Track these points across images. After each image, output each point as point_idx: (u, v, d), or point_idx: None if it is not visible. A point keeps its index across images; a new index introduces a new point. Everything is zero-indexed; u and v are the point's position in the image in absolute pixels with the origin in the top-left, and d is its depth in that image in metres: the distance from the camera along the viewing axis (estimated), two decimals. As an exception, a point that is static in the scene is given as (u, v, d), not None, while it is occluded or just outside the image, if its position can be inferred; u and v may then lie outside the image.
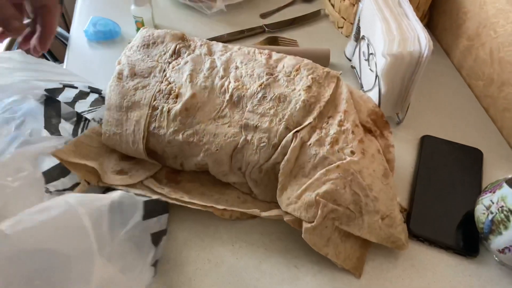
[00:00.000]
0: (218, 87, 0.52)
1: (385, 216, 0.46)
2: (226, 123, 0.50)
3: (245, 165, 0.49)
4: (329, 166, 0.45)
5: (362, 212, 0.45)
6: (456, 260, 0.48)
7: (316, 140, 0.47)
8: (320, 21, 0.81)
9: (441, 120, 0.63)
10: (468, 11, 0.68)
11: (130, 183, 0.51)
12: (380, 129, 0.53)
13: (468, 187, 0.54)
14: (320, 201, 0.44)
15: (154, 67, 0.55)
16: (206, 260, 0.47)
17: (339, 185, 0.44)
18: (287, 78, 0.52)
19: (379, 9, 0.57)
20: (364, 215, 0.45)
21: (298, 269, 0.47)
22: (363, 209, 0.45)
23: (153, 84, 0.53)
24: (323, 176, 0.45)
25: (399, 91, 0.57)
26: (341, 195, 0.44)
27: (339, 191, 0.44)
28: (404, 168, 0.57)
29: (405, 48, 0.52)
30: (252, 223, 0.50)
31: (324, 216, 0.44)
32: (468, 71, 0.69)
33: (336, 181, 0.44)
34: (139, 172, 0.53)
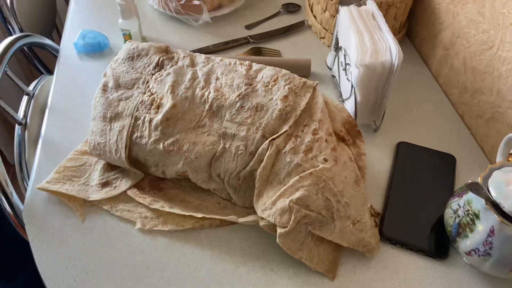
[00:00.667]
0: (199, 97, 0.54)
1: (356, 221, 0.48)
2: (205, 132, 0.53)
3: (223, 172, 0.51)
4: (303, 173, 0.47)
5: (334, 218, 0.47)
6: (427, 262, 0.50)
7: (291, 148, 0.50)
8: (303, 31, 0.84)
9: (417, 127, 0.65)
10: (443, 22, 0.70)
11: (115, 194, 0.53)
12: (353, 138, 0.55)
13: (441, 192, 0.56)
14: (294, 207, 0.46)
15: (137, 78, 0.57)
16: (186, 265, 0.49)
17: (312, 191, 0.46)
18: (265, 88, 0.55)
19: (353, 22, 0.59)
20: (336, 220, 0.47)
21: (274, 272, 0.48)
22: (334, 215, 0.47)
23: (136, 95, 0.56)
24: (297, 183, 0.47)
25: (374, 99, 0.59)
26: (314, 201, 0.46)
27: (311, 197, 0.46)
28: (380, 173, 0.59)
29: (377, 58, 0.55)
30: (232, 228, 0.52)
31: (297, 221, 0.46)
32: (444, 79, 0.71)
33: (309, 187, 0.46)
34: (123, 181, 0.55)
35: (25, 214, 0.52)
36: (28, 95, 0.71)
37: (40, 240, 0.50)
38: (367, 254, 0.49)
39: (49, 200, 0.54)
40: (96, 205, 0.53)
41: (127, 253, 0.49)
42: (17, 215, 0.59)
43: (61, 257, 0.49)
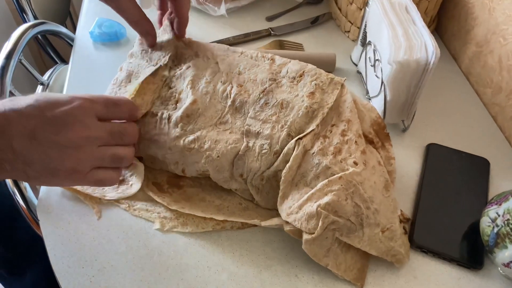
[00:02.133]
0: (220, 92, 0.52)
1: (385, 229, 0.45)
2: (228, 129, 0.50)
3: (246, 172, 0.49)
4: (332, 177, 0.45)
5: (363, 225, 0.44)
6: (460, 272, 0.47)
7: (319, 149, 0.47)
8: (326, 25, 0.80)
9: (447, 128, 0.62)
10: (477, 17, 0.67)
11: (131, 194, 0.51)
12: (382, 140, 0.52)
13: (474, 197, 0.53)
14: (322, 212, 0.43)
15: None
16: (206, 268, 0.47)
17: (341, 196, 0.44)
18: (290, 83, 0.52)
19: (386, 15, 0.56)
20: (364, 228, 0.44)
21: (298, 278, 0.46)
22: (364, 222, 0.44)
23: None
24: (325, 187, 0.44)
25: (405, 98, 0.56)
26: (343, 207, 0.44)
27: (340, 202, 0.44)
28: (408, 177, 0.56)
29: (411, 55, 0.52)
30: (253, 231, 0.50)
31: (325, 228, 0.43)
32: (476, 78, 0.68)
33: (338, 192, 0.44)
34: (133, 177, 0.52)
35: (40, 210, 0.50)
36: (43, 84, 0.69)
37: (55, 238, 0.48)
38: (396, 264, 0.46)
39: (65, 195, 0.52)
40: (113, 203, 0.51)
41: (145, 253, 0.47)
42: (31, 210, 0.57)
43: (76, 255, 0.47)
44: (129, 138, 0.45)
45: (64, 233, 0.48)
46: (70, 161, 0.39)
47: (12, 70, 0.59)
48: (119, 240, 0.48)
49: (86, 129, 0.40)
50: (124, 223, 0.50)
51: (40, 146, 0.38)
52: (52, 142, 0.38)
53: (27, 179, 0.40)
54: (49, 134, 0.38)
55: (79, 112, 0.39)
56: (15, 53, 0.61)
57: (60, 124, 0.38)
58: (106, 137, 0.42)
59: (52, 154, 0.38)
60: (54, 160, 0.38)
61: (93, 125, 0.40)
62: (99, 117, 0.42)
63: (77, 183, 0.42)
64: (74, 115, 0.39)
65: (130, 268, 0.46)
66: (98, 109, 0.41)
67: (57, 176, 0.40)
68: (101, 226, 0.49)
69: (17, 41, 0.62)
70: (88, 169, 0.41)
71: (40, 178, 0.40)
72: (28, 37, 0.64)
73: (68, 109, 0.39)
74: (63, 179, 0.41)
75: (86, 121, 0.40)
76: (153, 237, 0.49)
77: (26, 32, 0.65)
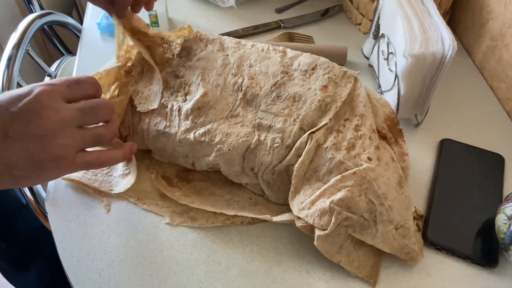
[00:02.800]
0: (231, 85, 0.51)
1: (399, 226, 0.44)
2: (239, 122, 0.49)
3: (257, 166, 0.48)
4: (345, 173, 0.44)
5: (376, 221, 0.44)
6: (474, 270, 0.46)
7: (332, 144, 0.46)
8: (337, 17, 0.79)
9: (461, 123, 0.61)
10: (492, 10, 0.65)
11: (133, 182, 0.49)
12: (395, 136, 0.51)
13: (488, 194, 0.52)
14: (335, 208, 0.42)
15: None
16: (216, 263, 0.46)
17: (355, 192, 0.43)
18: (303, 77, 0.51)
19: (401, 7, 0.55)
20: (378, 224, 0.44)
21: (310, 275, 0.45)
22: (377, 218, 0.43)
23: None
24: (339, 183, 0.43)
25: (419, 93, 0.55)
26: (356, 203, 0.43)
27: (354, 198, 0.43)
28: (422, 172, 0.55)
29: (427, 48, 0.50)
30: (264, 226, 0.49)
31: (338, 224, 0.43)
32: (490, 73, 0.67)
33: (352, 188, 0.43)
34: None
35: (48, 203, 0.50)
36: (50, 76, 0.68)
37: (63, 231, 0.48)
38: (409, 261, 0.45)
39: (73, 188, 0.51)
40: (122, 196, 0.50)
41: (155, 247, 0.47)
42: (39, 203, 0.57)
43: (85, 249, 0.46)
44: (103, 112, 0.42)
45: (73, 226, 0.48)
46: (52, 149, 0.37)
47: (20, 61, 0.58)
48: (129, 234, 0.48)
49: (56, 113, 0.38)
50: (133, 217, 0.49)
51: (17, 142, 0.36)
52: (27, 135, 0.36)
53: (15, 182, 0.38)
54: (21, 128, 0.36)
55: (43, 98, 0.37)
56: (23, 44, 0.60)
57: (28, 115, 0.36)
58: (79, 116, 0.39)
59: (32, 147, 0.36)
60: (35, 152, 0.37)
61: (62, 107, 0.38)
62: (66, 98, 0.39)
63: (67, 171, 0.40)
64: (40, 102, 0.37)
65: (139, 262, 0.45)
66: (62, 90, 0.39)
67: (45, 168, 0.38)
68: (110, 220, 0.49)
69: (24, 31, 0.62)
70: (73, 153, 0.39)
71: (28, 175, 0.38)
72: (35, 28, 0.63)
73: (32, 98, 0.37)
74: (52, 169, 0.39)
75: (54, 105, 0.38)
76: (162, 231, 0.48)
77: (33, 23, 0.64)
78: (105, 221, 0.49)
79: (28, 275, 0.98)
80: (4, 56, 0.57)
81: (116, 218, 0.49)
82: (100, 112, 0.42)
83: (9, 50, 0.57)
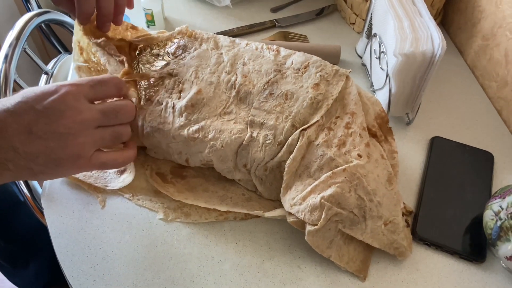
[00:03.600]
0: (225, 83, 0.52)
1: (388, 221, 0.45)
2: (232, 119, 0.50)
3: (250, 162, 0.49)
4: (336, 169, 0.45)
5: (366, 217, 0.44)
6: (462, 265, 0.47)
7: (323, 141, 0.47)
8: (331, 16, 0.80)
9: (452, 121, 0.62)
10: (483, 10, 0.66)
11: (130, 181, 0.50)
12: (385, 134, 0.52)
13: (478, 191, 0.53)
14: (325, 204, 0.43)
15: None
16: (209, 257, 0.47)
17: (345, 188, 0.44)
18: (295, 75, 0.52)
19: (392, 7, 0.56)
20: (367, 220, 0.44)
21: (301, 269, 0.46)
22: (366, 214, 0.44)
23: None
24: (329, 179, 0.44)
25: (410, 91, 0.56)
26: (346, 199, 0.44)
27: (344, 194, 0.44)
28: (412, 169, 0.56)
29: (417, 47, 0.51)
30: (256, 221, 0.50)
31: (328, 219, 0.44)
32: (481, 72, 0.68)
33: (342, 184, 0.44)
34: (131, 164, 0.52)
35: (44, 198, 0.51)
36: (47, 74, 0.68)
37: (59, 226, 0.48)
38: (398, 257, 0.46)
39: (69, 184, 0.52)
40: (117, 192, 0.51)
41: (149, 242, 0.48)
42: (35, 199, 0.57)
43: (80, 244, 0.47)
44: (125, 115, 0.44)
45: (68, 222, 0.49)
46: (72, 148, 0.39)
47: (17, 59, 0.59)
48: (123, 229, 0.48)
49: (79, 113, 0.40)
50: (128, 212, 0.50)
51: (39, 139, 0.38)
52: (49, 133, 0.38)
53: (33, 176, 0.40)
54: (45, 125, 0.38)
55: (68, 98, 0.39)
56: (19, 42, 0.60)
57: (53, 114, 0.38)
58: (100, 117, 0.41)
59: (53, 144, 0.38)
60: (55, 149, 0.39)
61: (85, 107, 0.40)
62: (89, 99, 0.41)
63: (83, 169, 0.42)
64: (64, 102, 0.39)
65: (133, 257, 0.46)
66: (86, 91, 0.41)
67: (62, 165, 0.40)
68: (105, 215, 0.49)
69: (21, 29, 0.62)
70: (91, 153, 0.41)
71: (46, 171, 0.40)
72: (32, 26, 0.64)
73: (57, 97, 0.39)
74: (68, 167, 0.41)
75: (77, 106, 0.40)
76: (156, 226, 0.49)
77: (30, 21, 0.64)
78: (99, 216, 0.49)
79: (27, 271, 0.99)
80: (1, 54, 0.58)
81: (110, 214, 0.50)
82: (121, 115, 0.44)
83: (6, 48, 0.58)
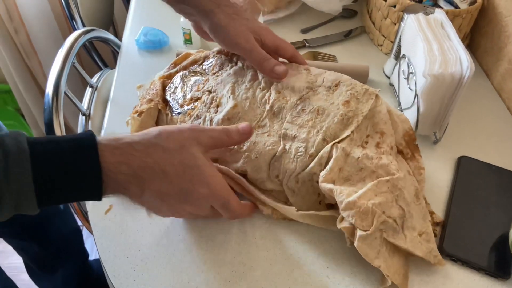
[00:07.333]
0: (259, 98, 0.55)
1: (421, 232, 0.47)
2: (266, 132, 0.53)
3: (282, 173, 0.51)
4: (381, 178, 0.47)
5: (403, 227, 0.47)
6: (487, 281, 0.48)
7: (363, 154, 0.49)
8: (359, 38, 0.83)
9: (479, 142, 0.63)
10: (510, 35, 0.68)
11: None
12: (412, 151, 0.54)
13: (503, 210, 0.54)
14: (376, 211, 0.45)
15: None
16: (241, 264, 0.49)
17: (389, 198, 0.46)
18: (326, 92, 0.54)
19: (421, 30, 0.58)
20: (405, 230, 0.47)
21: (330, 279, 0.48)
22: (404, 224, 0.47)
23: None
24: (376, 188, 0.47)
25: (438, 111, 0.58)
26: (390, 208, 0.46)
27: (388, 204, 0.46)
28: (440, 187, 0.57)
29: (446, 69, 0.53)
30: (286, 232, 0.52)
31: (378, 226, 0.45)
32: (508, 94, 0.69)
33: (386, 194, 0.46)
34: None
35: (89, 202, 0.54)
36: (92, 87, 0.73)
37: (102, 228, 0.52)
38: (438, 265, 0.48)
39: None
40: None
41: (184, 247, 0.50)
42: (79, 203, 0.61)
43: (121, 246, 0.50)
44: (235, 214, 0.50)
45: (111, 224, 0.52)
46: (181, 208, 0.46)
47: (67, 73, 0.64)
48: (161, 233, 0.51)
49: (196, 209, 0.46)
50: (165, 218, 0.53)
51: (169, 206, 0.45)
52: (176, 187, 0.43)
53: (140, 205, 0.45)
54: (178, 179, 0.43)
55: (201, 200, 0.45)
56: (69, 57, 0.66)
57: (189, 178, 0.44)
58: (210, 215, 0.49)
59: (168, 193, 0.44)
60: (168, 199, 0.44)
61: (204, 209, 0.46)
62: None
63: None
64: (196, 200, 0.45)
65: (170, 259, 0.49)
66: (215, 204, 0.47)
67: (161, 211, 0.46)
68: (144, 219, 0.53)
69: (71, 46, 0.67)
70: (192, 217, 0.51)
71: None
72: (81, 43, 0.69)
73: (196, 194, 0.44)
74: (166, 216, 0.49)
75: (201, 207, 0.46)
76: (191, 232, 0.52)
77: (79, 38, 0.70)
78: (139, 220, 0.53)
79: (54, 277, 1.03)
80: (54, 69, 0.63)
81: (149, 219, 0.53)
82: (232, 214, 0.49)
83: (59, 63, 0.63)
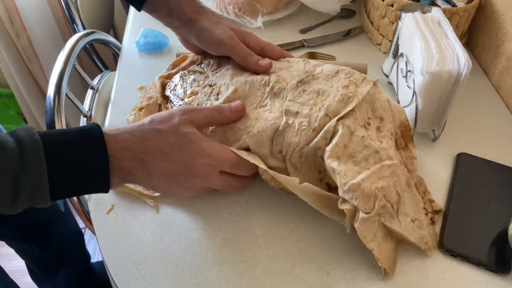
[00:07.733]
0: (259, 81, 0.55)
1: (414, 219, 0.49)
2: (267, 110, 0.53)
3: (286, 147, 0.50)
4: (384, 162, 0.48)
5: (398, 213, 0.48)
6: (487, 276, 0.48)
7: (367, 134, 0.49)
8: (358, 37, 0.83)
9: (477, 139, 0.64)
10: (508, 32, 0.69)
11: None
12: (406, 141, 0.55)
13: (503, 206, 0.54)
14: (378, 194, 0.46)
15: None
16: (242, 261, 0.49)
17: (390, 183, 0.47)
18: (326, 77, 0.54)
19: (419, 28, 0.59)
20: (399, 216, 0.48)
21: (330, 276, 0.48)
22: (399, 210, 0.48)
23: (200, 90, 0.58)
24: (379, 171, 0.47)
25: (436, 108, 0.58)
26: (390, 193, 0.47)
27: (389, 188, 0.47)
28: (438, 184, 0.57)
29: (443, 66, 0.54)
30: (287, 229, 0.52)
31: (378, 210, 0.46)
32: (506, 91, 0.69)
33: (388, 179, 0.47)
34: None
35: (91, 202, 0.55)
36: (93, 89, 0.74)
37: (104, 228, 0.52)
38: (428, 251, 0.49)
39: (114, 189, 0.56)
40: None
41: (186, 245, 0.51)
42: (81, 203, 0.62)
43: (124, 245, 0.51)
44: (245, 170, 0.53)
45: (113, 224, 0.53)
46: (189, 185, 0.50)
47: (68, 75, 0.65)
48: (162, 233, 0.52)
49: (207, 181, 0.50)
50: (166, 217, 0.53)
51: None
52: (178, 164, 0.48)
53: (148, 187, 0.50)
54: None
55: (207, 170, 0.49)
56: (71, 59, 0.66)
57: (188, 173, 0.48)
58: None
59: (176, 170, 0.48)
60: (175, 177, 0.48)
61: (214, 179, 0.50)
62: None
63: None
64: (202, 172, 0.48)
65: (172, 258, 0.50)
66: (224, 167, 0.50)
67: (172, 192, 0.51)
68: (145, 219, 0.53)
69: (72, 48, 0.68)
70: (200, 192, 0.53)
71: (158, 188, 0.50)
72: (81, 45, 0.70)
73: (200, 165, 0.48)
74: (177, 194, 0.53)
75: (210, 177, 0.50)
76: (193, 231, 0.52)
77: (79, 40, 0.70)
78: (141, 220, 0.53)
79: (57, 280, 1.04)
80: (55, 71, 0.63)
81: (150, 218, 0.53)
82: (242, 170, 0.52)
83: (60, 65, 0.64)
